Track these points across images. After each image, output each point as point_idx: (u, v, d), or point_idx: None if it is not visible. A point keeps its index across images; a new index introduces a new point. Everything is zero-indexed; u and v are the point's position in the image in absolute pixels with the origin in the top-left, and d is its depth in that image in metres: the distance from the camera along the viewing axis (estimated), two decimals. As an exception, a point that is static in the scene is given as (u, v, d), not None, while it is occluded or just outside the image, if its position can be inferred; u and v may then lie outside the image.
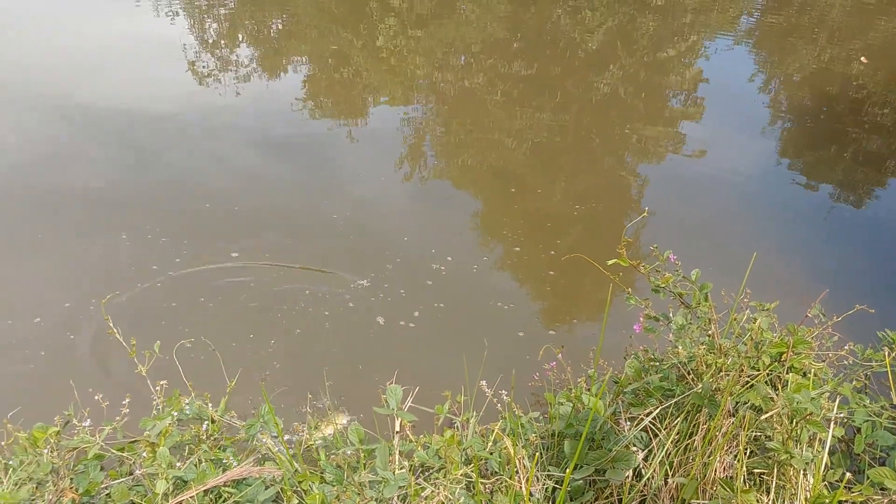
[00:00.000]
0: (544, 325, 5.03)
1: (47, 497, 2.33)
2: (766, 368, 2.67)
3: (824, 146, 8.34)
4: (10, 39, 10.68)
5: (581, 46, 11.46)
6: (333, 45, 11.11)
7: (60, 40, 10.74)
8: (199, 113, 8.33)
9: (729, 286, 3.13)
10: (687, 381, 2.77)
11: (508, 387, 3.25)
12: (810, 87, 10.22)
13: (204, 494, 2.48)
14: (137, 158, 7.09)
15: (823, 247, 6.22)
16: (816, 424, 2.43)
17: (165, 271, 5.34)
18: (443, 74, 10.12)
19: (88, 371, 4.37)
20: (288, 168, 7.14)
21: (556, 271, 5.53)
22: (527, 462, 2.58)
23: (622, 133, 8.36)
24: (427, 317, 5.02)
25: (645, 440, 2.68)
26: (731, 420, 2.57)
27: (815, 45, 12.02)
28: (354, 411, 4.04)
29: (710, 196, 7.01)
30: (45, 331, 4.72)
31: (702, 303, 2.88)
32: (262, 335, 4.80)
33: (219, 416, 2.82)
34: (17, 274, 5.29)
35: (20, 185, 6.46)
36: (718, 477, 2.51)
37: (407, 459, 2.68)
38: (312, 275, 5.42)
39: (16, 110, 8.06)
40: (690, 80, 10.26)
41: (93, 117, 7.95)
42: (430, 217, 6.45)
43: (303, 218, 6.19)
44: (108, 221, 5.92)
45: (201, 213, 6.13)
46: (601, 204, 6.63)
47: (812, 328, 2.97)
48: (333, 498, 2.41)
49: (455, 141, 8.09)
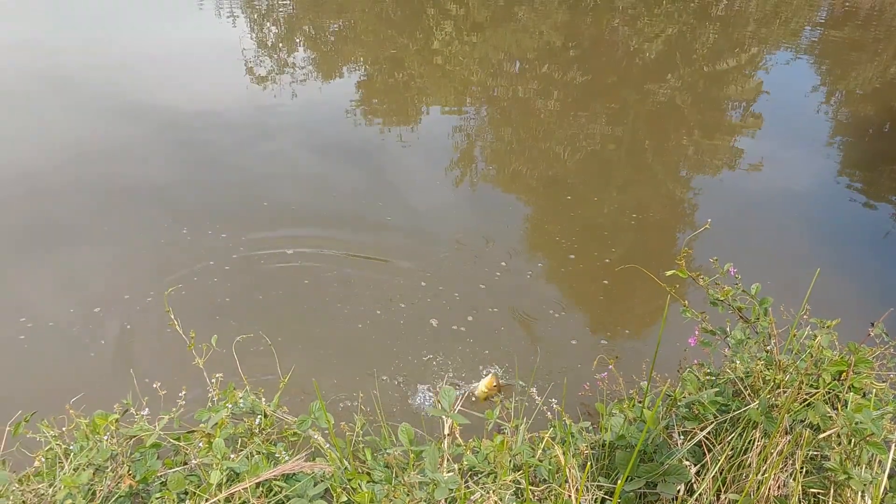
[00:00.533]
0: (597, 334, 4.98)
1: (106, 483, 2.39)
2: (826, 387, 2.61)
3: (887, 163, 8.13)
4: (80, 42, 10.99)
5: (638, 55, 11.36)
6: (391, 49, 11.19)
7: (124, 42, 11.02)
8: (257, 115, 8.48)
9: (786, 302, 3.08)
10: (743, 396, 2.73)
11: (559, 395, 3.23)
12: (873, 103, 9.98)
13: (256, 487, 2.51)
14: (198, 158, 7.24)
15: (885, 266, 6.06)
16: (877, 446, 2.37)
17: (223, 266, 5.44)
18: (497, 81, 10.13)
19: (147, 361, 4.47)
20: (341, 171, 7.21)
21: (610, 280, 5.49)
22: (577, 471, 2.56)
23: (678, 144, 8.27)
24: (481, 321, 5.02)
25: (698, 455, 2.64)
26: (787, 438, 2.52)
27: (880, 59, 11.74)
28: (403, 412, 4.05)
29: (767, 211, 6.89)
30: (103, 321, 4.85)
31: (761, 317, 2.84)
32: (318, 331, 4.86)
33: (271, 411, 2.85)
34: (78, 264, 5.44)
35: (83, 180, 6.65)
36: (773, 495, 2.46)
37: (455, 463, 2.69)
38: (368, 275, 5.47)
39: (86, 110, 8.30)
40: (750, 92, 10.11)
41: (154, 117, 8.15)
42: (485, 222, 6.45)
43: (357, 219, 6.24)
44: (170, 217, 6.06)
45: (259, 211, 6.24)
46: (655, 214, 6.56)
47: (874, 348, 2.90)
48: (383, 496, 2.43)
49: (508, 148, 8.09)
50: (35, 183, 6.60)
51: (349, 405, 3.98)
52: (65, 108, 8.40)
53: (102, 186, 6.58)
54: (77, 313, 4.90)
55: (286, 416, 2.93)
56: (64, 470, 2.40)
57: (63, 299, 5.04)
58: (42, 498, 2.30)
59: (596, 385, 3.69)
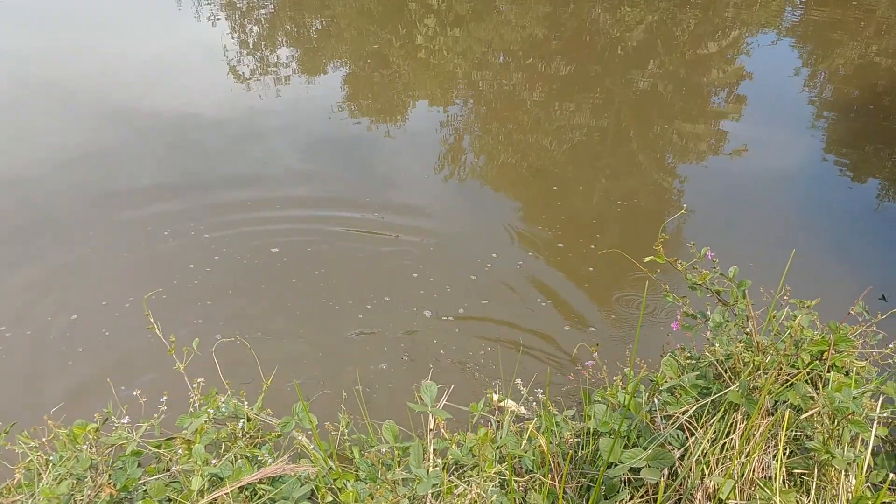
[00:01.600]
0: (582, 322, 4.98)
1: (86, 492, 2.38)
2: (807, 367, 2.61)
3: (870, 142, 8.14)
4: (59, 44, 10.95)
5: (620, 44, 11.35)
6: (373, 45, 11.17)
7: (104, 44, 10.99)
8: (241, 113, 8.45)
9: (770, 284, 3.08)
10: (724, 379, 2.73)
11: (544, 385, 3.23)
12: (857, 82, 9.99)
13: (239, 491, 2.50)
14: (180, 160, 7.21)
15: (868, 245, 6.07)
16: (859, 424, 2.37)
17: (203, 268, 5.42)
18: (482, 73, 10.11)
19: (126, 367, 4.45)
20: (327, 168, 7.18)
21: (595, 268, 5.49)
22: (561, 460, 2.56)
23: (663, 131, 8.27)
24: (472, 313, 5.03)
25: (681, 439, 2.64)
26: (769, 419, 2.53)
27: (862, 38, 11.75)
28: (391, 408, 4.05)
29: (752, 194, 6.89)
30: (81, 328, 4.82)
31: (739, 300, 2.83)
32: (303, 332, 4.85)
33: (254, 414, 2.85)
34: (54, 271, 5.41)
35: (60, 186, 6.63)
36: (757, 477, 2.46)
37: (441, 457, 2.68)
38: (357, 271, 5.48)
39: (67, 115, 8.26)
40: (732, 77, 10.10)
41: (137, 121, 8.11)
42: (474, 213, 6.44)
43: (343, 216, 6.23)
44: (151, 220, 6.04)
45: (244, 210, 6.23)
46: (642, 201, 6.56)
47: (855, 326, 2.90)
48: (367, 495, 2.42)
49: (494, 140, 8.08)
50: (11, 188, 6.57)
51: (334, 401, 3.96)
52: (43, 112, 8.35)
53: (82, 191, 6.53)
54: (54, 322, 4.87)
55: (270, 418, 2.92)
56: (43, 481, 2.39)
57: (39, 307, 5.01)
58: (22, 510, 2.29)
59: (580, 374, 3.69)
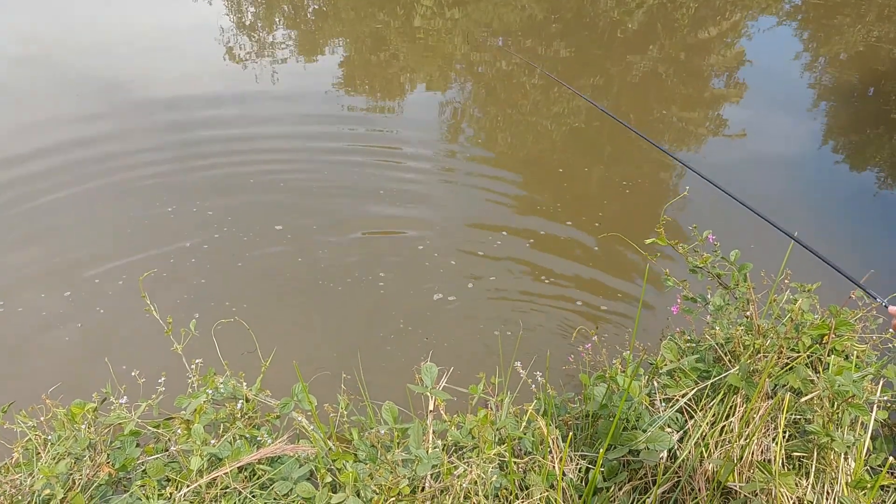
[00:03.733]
0: (588, 303, 4.97)
1: (84, 472, 2.37)
2: (807, 350, 2.61)
3: (871, 127, 8.12)
4: (53, 21, 10.87)
5: (620, 27, 11.29)
6: (372, 25, 11.09)
7: (99, 20, 10.92)
8: (236, 93, 8.40)
9: (771, 268, 3.07)
10: (724, 362, 2.72)
11: (543, 368, 3.22)
12: (857, 67, 9.95)
13: (238, 471, 2.50)
14: (174, 138, 7.16)
15: (870, 229, 6.06)
16: (858, 407, 2.37)
17: (201, 245, 5.41)
18: (481, 56, 10.05)
19: (124, 346, 4.43)
20: (327, 147, 7.13)
21: (600, 249, 5.49)
22: (560, 442, 2.56)
23: (662, 115, 8.23)
24: (479, 289, 5.05)
25: (680, 422, 2.65)
26: (769, 402, 2.53)
27: (864, 22, 11.69)
28: (393, 389, 4.04)
29: (753, 178, 6.87)
30: (75, 305, 4.80)
31: (740, 283, 2.83)
32: (299, 309, 4.85)
33: (253, 395, 2.84)
34: (48, 247, 5.39)
35: (54, 161, 6.58)
36: (756, 460, 2.46)
37: (440, 439, 2.68)
38: (357, 250, 5.48)
39: (61, 91, 8.20)
40: (732, 61, 10.06)
41: (131, 98, 8.06)
42: (481, 196, 6.42)
43: (343, 197, 6.20)
44: (143, 197, 6.03)
45: (244, 190, 6.22)
46: (644, 185, 6.54)
47: (856, 310, 2.90)
48: (366, 476, 2.42)
49: (494, 123, 8.05)
50: (2, 164, 6.54)
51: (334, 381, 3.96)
52: (39, 89, 8.30)
53: (74, 168, 6.47)
54: (49, 298, 4.84)
55: (269, 399, 2.91)
56: (42, 460, 2.38)
57: (33, 283, 4.99)
58: (21, 488, 2.28)
59: (580, 356, 3.69)
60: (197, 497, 2.38)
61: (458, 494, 2.42)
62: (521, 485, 2.54)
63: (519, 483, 2.54)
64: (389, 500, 2.35)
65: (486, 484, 2.43)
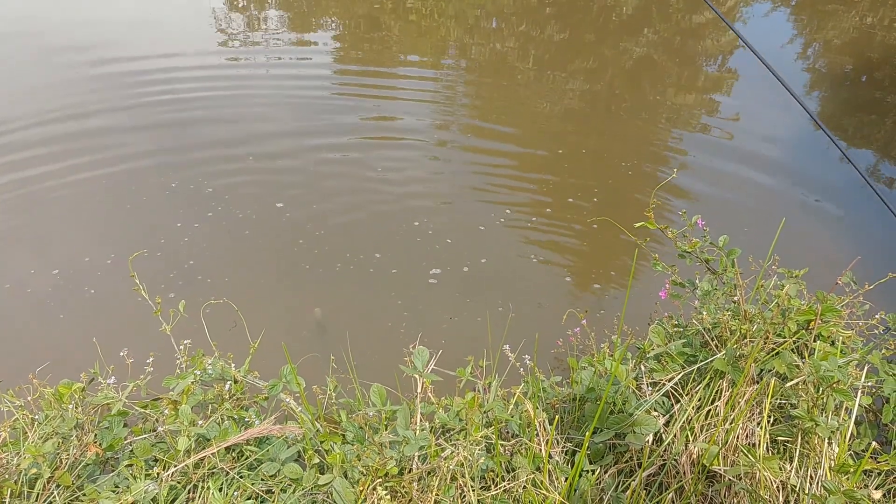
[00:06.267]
0: (573, 290, 4.99)
1: (72, 451, 2.38)
2: (793, 336, 2.62)
3: (864, 113, 8.13)
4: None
5: (615, 11, 11.25)
6: (366, 5, 11.03)
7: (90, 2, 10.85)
8: (228, 71, 8.36)
9: (759, 254, 3.08)
10: (711, 347, 2.74)
11: (532, 351, 3.23)
12: (851, 53, 9.94)
13: (226, 452, 2.51)
14: (164, 115, 7.13)
15: (859, 216, 6.08)
16: (843, 393, 2.39)
17: (192, 224, 5.39)
18: (474, 38, 10.01)
19: (112, 326, 4.42)
20: (321, 131, 7.10)
21: (592, 235, 5.49)
22: (547, 425, 2.57)
23: (656, 100, 8.22)
24: (476, 271, 5.08)
25: (666, 406, 2.66)
26: (754, 387, 2.54)
27: (857, 9, 11.68)
28: (381, 371, 4.05)
29: (744, 163, 6.87)
30: (63, 284, 4.77)
31: (728, 269, 2.84)
32: (298, 290, 4.85)
33: (241, 377, 2.84)
34: (35, 225, 5.37)
35: (41, 136, 6.56)
36: (741, 444, 2.48)
37: (428, 421, 2.69)
38: (354, 232, 5.48)
39: (50, 67, 8.16)
40: (726, 46, 10.04)
41: (120, 74, 8.02)
42: (476, 179, 6.41)
43: (345, 179, 6.19)
44: (133, 175, 6.00)
45: (240, 171, 6.20)
46: (638, 167, 6.53)
47: (842, 296, 2.91)
48: (354, 457, 2.43)
49: (494, 105, 8.01)
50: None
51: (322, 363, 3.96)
52: (28, 64, 8.26)
53: (62, 144, 6.45)
54: (37, 275, 4.82)
55: (258, 381, 2.92)
56: (29, 439, 2.38)
57: (21, 260, 4.97)
58: (7, 468, 2.28)
59: (569, 340, 3.70)
60: (184, 477, 2.38)
61: (444, 476, 2.43)
62: (507, 467, 2.56)
63: (505, 465, 2.56)
64: (376, 480, 2.37)
65: (472, 466, 2.44)
